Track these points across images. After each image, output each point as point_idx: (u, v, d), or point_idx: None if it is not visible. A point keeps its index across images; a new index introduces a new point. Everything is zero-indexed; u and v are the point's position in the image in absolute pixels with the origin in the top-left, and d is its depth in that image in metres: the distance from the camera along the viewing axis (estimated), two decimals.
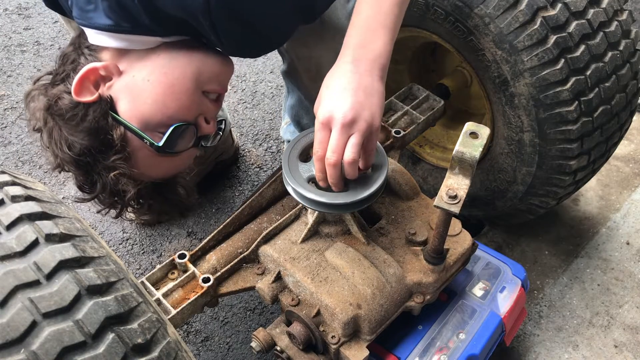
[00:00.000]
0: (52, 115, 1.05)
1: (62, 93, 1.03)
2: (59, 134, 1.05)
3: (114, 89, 1.04)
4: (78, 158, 1.04)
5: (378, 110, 0.91)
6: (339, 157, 0.89)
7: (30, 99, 1.08)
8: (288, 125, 1.80)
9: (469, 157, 0.86)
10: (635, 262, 1.57)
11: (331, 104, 0.89)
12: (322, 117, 0.89)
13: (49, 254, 0.63)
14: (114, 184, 1.05)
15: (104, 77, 1.04)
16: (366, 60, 0.91)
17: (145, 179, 1.11)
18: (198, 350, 1.45)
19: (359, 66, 0.91)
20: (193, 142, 1.11)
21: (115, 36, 1.01)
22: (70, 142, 1.04)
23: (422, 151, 1.65)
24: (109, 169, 1.04)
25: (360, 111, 0.88)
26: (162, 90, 1.02)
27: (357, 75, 0.90)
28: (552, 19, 1.11)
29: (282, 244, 1.08)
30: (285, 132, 1.83)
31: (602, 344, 1.40)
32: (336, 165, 0.91)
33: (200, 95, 1.08)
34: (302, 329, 1.01)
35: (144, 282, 1.02)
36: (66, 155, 1.05)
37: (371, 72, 0.91)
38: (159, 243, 1.69)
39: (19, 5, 2.71)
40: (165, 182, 1.18)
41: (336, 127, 0.88)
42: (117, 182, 1.05)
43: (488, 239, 1.64)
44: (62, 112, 1.03)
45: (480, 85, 1.29)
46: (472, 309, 1.16)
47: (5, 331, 0.56)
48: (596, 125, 1.21)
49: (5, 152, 1.97)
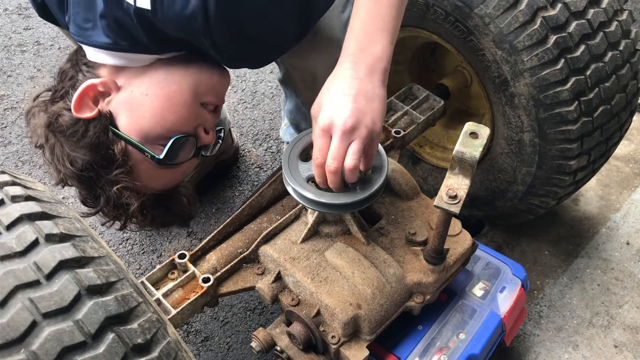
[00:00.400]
0: (53, 132, 1.06)
1: (62, 110, 1.05)
2: (60, 150, 1.06)
3: (113, 104, 1.05)
4: (80, 173, 1.06)
5: (379, 116, 0.90)
6: (339, 164, 0.89)
7: (31, 115, 1.10)
8: (287, 127, 1.80)
9: (469, 157, 0.86)
10: (635, 262, 1.57)
11: (331, 110, 0.88)
12: (323, 123, 0.88)
13: (49, 254, 0.63)
14: (117, 198, 1.07)
15: (103, 92, 1.05)
16: (366, 65, 0.90)
17: (147, 190, 1.13)
18: (198, 350, 1.45)
19: (359, 71, 0.90)
20: (193, 152, 1.12)
21: (113, 54, 1.02)
22: (72, 158, 1.05)
23: (422, 151, 1.65)
24: (112, 182, 1.06)
25: (360, 117, 0.87)
26: (160, 104, 1.04)
27: (358, 81, 0.89)
28: (552, 19, 1.11)
29: (282, 244, 1.08)
30: (285, 134, 1.83)
31: (602, 344, 1.40)
32: (336, 172, 0.90)
33: (199, 107, 1.09)
34: (302, 329, 1.01)
35: (144, 282, 1.02)
36: (69, 171, 1.06)
37: (371, 77, 0.90)
38: (159, 243, 1.69)
39: (19, 5, 2.71)
40: (167, 192, 1.19)
41: (337, 134, 0.87)
42: (120, 195, 1.06)
43: (488, 239, 1.64)
44: (63, 129, 1.04)
45: (480, 85, 1.29)
46: (472, 309, 1.16)
47: (5, 331, 0.56)
48: (596, 125, 1.21)
49: (5, 152, 1.97)
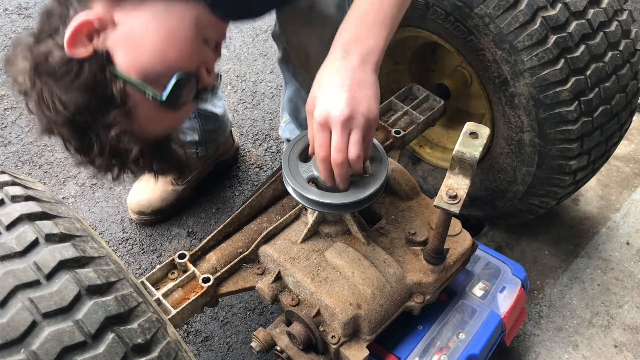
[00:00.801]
0: (40, 75, 0.95)
1: (52, 49, 0.94)
2: (50, 93, 0.96)
3: (110, 41, 0.96)
4: (73, 118, 0.96)
5: (374, 103, 0.90)
6: (345, 155, 0.89)
7: (10, 63, 0.99)
8: (287, 123, 1.80)
9: (469, 157, 0.86)
10: (635, 262, 1.57)
11: (326, 104, 0.88)
12: (319, 117, 0.88)
13: (49, 254, 0.63)
14: (115, 143, 0.98)
15: (98, 29, 0.96)
16: (359, 55, 0.90)
17: (145, 136, 1.05)
18: (198, 350, 1.45)
19: (351, 60, 0.89)
20: (193, 95, 1.04)
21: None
22: (64, 101, 0.95)
23: (422, 151, 1.65)
24: (109, 126, 0.97)
25: (356, 106, 0.87)
26: (161, 38, 0.95)
27: (350, 71, 0.89)
28: (552, 19, 1.11)
29: (282, 244, 1.08)
30: (284, 131, 1.82)
31: (602, 344, 1.40)
32: (343, 164, 0.90)
33: (201, 43, 1.02)
34: (302, 329, 1.01)
35: (144, 282, 1.02)
36: (60, 116, 0.96)
37: (363, 66, 0.89)
38: (159, 243, 1.69)
39: (19, 5, 2.71)
40: (161, 140, 1.11)
41: (336, 126, 0.87)
42: (118, 140, 0.98)
43: (488, 239, 1.64)
44: (54, 69, 0.94)
45: (480, 85, 1.29)
46: (472, 309, 1.16)
47: (5, 331, 0.56)
48: (596, 125, 1.21)
49: (5, 152, 1.97)
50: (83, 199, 1.82)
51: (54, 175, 1.89)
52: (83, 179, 1.89)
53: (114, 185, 1.86)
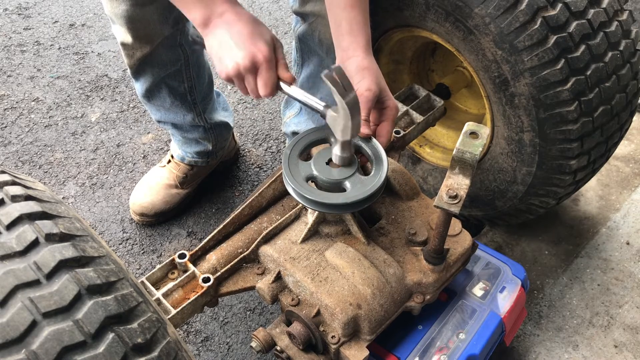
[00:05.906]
0: None
1: None
2: None
3: None
4: None
5: None
6: None
7: None
8: (291, 118, 1.77)
9: (469, 157, 0.86)
10: (635, 262, 1.57)
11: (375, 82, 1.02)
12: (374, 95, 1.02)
13: (49, 254, 0.63)
14: None
15: None
16: None
17: None
18: (198, 350, 1.45)
19: None
20: None
21: None
22: None
23: (422, 151, 1.65)
24: None
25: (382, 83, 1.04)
26: None
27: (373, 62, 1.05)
28: (553, 19, 1.11)
29: (282, 244, 1.08)
30: (289, 125, 1.77)
31: (602, 344, 1.40)
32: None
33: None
34: (302, 329, 1.01)
35: (144, 282, 1.02)
36: None
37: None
38: (159, 243, 1.69)
39: (19, 5, 2.71)
40: None
41: (389, 115, 1.07)
42: None
43: (488, 239, 1.64)
44: None
45: (480, 85, 1.29)
46: (472, 309, 1.16)
47: (5, 331, 0.56)
48: (596, 125, 1.21)
49: (5, 152, 1.97)
50: (83, 199, 1.82)
51: (54, 175, 1.90)
52: (83, 179, 1.89)
53: (114, 185, 1.86)
